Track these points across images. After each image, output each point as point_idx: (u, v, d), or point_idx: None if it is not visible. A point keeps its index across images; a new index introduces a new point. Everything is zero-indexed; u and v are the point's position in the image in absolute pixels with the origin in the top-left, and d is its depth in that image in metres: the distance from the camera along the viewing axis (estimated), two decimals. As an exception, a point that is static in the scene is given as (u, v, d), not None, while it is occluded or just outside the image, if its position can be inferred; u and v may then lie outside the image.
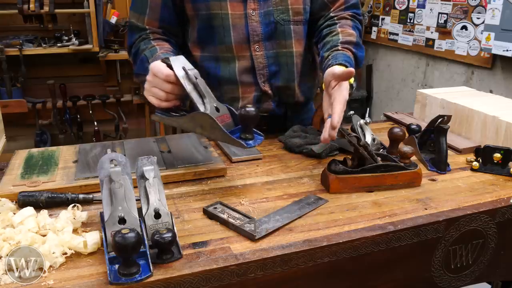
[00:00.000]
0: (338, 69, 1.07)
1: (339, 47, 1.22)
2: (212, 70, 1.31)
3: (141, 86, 1.15)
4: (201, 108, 0.98)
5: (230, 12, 1.24)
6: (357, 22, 1.33)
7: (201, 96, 0.99)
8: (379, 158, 1.04)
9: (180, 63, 1.00)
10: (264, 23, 1.27)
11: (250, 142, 0.97)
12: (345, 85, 1.06)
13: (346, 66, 1.14)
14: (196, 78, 1.00)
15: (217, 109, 0.99)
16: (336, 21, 1.31)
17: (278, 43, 1.31)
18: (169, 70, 0.99)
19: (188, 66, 1.01)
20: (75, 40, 3.21)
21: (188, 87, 0.98)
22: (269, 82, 1.32)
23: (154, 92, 1.03)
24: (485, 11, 2.82)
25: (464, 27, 3.08)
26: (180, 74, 0.99)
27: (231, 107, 1.01)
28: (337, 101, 1.03)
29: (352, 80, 1.12)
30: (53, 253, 0.73)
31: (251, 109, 0.94)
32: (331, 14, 1.34)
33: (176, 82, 0.99)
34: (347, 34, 1.26)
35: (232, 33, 1.26)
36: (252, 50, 1.28)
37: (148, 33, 1.28)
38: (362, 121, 1.24)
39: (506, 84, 2.83)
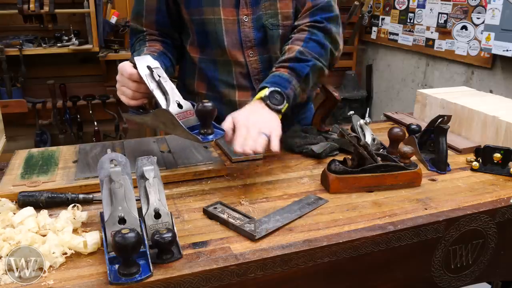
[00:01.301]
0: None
1: (274, 68, 1.21)
2: (210, 73, 1.31)
3: None
4: (163, 105, 0.99)
5: (223, 17, 1.24)
6: (314, 33, 1.24)
7: (164, 93, 1.01)
8: (379, 158, 1.04)
9: (145, 62, 1.03)
10: (256, 28, 1.26)
11: (210, 136, 0.98)
12: (228, 118, 1.05)
13: (268, 87, 1.12)
14: (159, 76, 1.02)
15: (180, 106, 1.00)
16: (292, 36, 1.27)
17: (270, 48, 1.30)
18: (133, 69, 1.03)
19: (154, 64, 1.03)
20: (75, 40, 3.21)
21: (151, 85, 1.01)
22: None
23: (122, 91, 1.07)
24: (485, 11, 2.82)
25: (464, 27, 3.08)
26: (143, 72, 1.01)
27: (195, 103, 1.02)
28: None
29: (261, 94, 1.11)
30: (53, 253, 0.73)
31: (208, 104, 0.96)
32: (295, 23, 1.29)
33: (140, 80, 1.02)
34: (291, 51, 1.22)
35: (226, 38, 1.25)
36: (246, 56, 1.28)
37: (145, 34, 1.30)
38: (362, 121, 1.24)
39: (506, 84, 2.83)
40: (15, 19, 3.19)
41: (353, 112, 1.29)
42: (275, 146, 1.01)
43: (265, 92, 1.11)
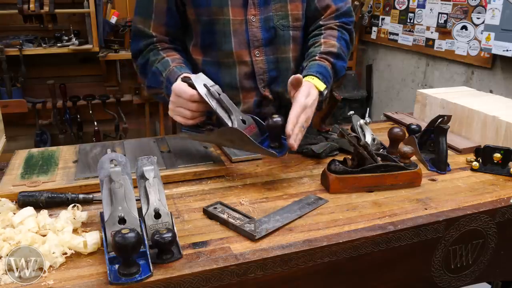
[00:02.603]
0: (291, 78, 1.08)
1: (317, 57, 1.24)
2: (213, 75, 1.31)
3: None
4: (229, 123, 1.02)
5: (231, 17, 1.24)
6: (344, 33, 1.32)
7: (227, 111, 1.03)
8: (379, 158, 1.04)
9: (201, 80, 1.04)
10: (264, 28, 1.27)
11: (280, 150, 1.02)
12: (303, 92, 1.07)
13: (318, 78, 1.15)
14: (219, 94, 1.03)
15: (244, 121, 1.03)
16: (322, 31, 1.31)
17: (278, 49, 1.30)
18: (192, 90, 1.03)
19: (210, 83, 1.04)
20: (75, 40, 3.21)
21: (213, 104, 1.02)
22: (269, 87, 1.32)
23: (180, 112, 1.07)
24: (485, 11, 2.82)
25: (464, 27, 3.08)
26: (203, 91, 1.02)
27: (255, 117, 1.05)
28: (292, 108, 1.04)
29: (322, 87, 1.13)
30: (53, 253, 0.73)
31: (277, 119, 0.99)
32: (320, 23, 1.33)
33: (200, 99, 1.03)
34: (329, 45, 1.27)
35: (233, 39, 1.26)
36: (252, 55, 1.28)
37: (155, 42, 1.26)
38: (362, 121, 1.24)
39: (506, 84, 2.83)
40: (15, 19, 3.19)
41: (353, 112, 1.29)
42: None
43: (321, 86, 1.13)
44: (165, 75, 1.18)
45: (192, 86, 1.03)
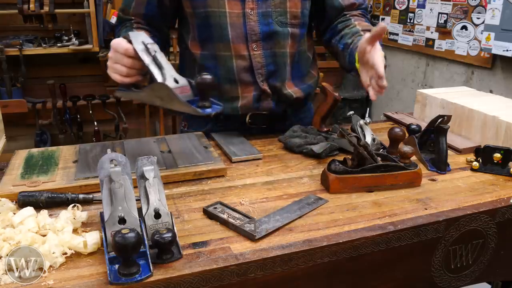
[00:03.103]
0: (368, 33, 1.09)
1: (361, 33, 1.27)
2: (211, 70, 1.32)
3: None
4: (159, 79, 0.98)
5: (228, 10, 1.25)
6: (368, 20, 1.40)
7: (160, 68, 1.00)
8: (379, 158, 1.04)
9: (140, 38, 1.02)
10: (262, 23, 1.28)
11: (208, 109, 0.97)
12: (379, 47, 1.10)
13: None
14: (155, 52, 1.00)
15: (176, 81, 0.99)
16: (350, 17, 1.37)
17: (275, 44, 1.31)
18: (129, 44, 1.01)
19: (148, 40, 1.02)
20: (75, 40, 3.20)
21: (147, 59, 0.99)
22: (268, 81, 1.33)
23: (116, 68, 1.04)
24: (485, 11, 2.82)
25: (464, 27, 3.08)
26: (139, 47, 1.00)
27: (191, 80, 1.01)
28: (377, 56, 1.07)
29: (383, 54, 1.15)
30: (53, 253, 0.73)
31: (207, 76, 0.95)
32: (344, 12, 1.38)
33: (135, 56, 1.00)
34: (365, 25, 1.32)
35: (230, 32, 1.26)
36: (250, 49, 1.29)
37: (132, 22, 1.30)
38: (362, 121, 1.24)
39: (506, 84, 2.83)
40: (15, 19, 3.19)
41: (353, 112, 1.29)
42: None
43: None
44: None
45: (130, 42, 1.01)
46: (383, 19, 3.93)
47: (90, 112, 3.46)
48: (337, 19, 1.39)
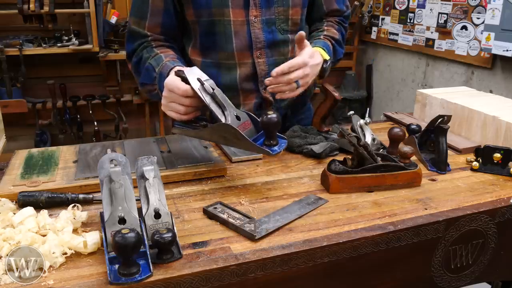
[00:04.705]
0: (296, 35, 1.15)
1: (321, 37, 1.36)
2: (213, 77, 1.31)
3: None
4: (222, 119, 0.98)
5: (232, 18, 1.23)
6: (342, 28, 1.46)
7: (220, 106, 0.99)
8: (379, 158, 1.04)
9: (195, 74, 1.00)
10: (266, 30, 1.27)
11: (275, 148, 0.97)
12: (308, 51, 1.15)
13: (323, 49, 1.27)
14: (213, 89, 0.99)
15: (238, 118, 0.99)
16: (325, 22, 1.44)
17: (278, 51, 1.31)
18: (186, 85, 1.00)
19: (204, 77, 1.01)
20: (75, 40, 3.20)
21: (207, 99, 0.98)
22: None
23: (173, 107, 1.03)
24: (485, 11, 2.82)
25: (464, 27, 3.08)
26: (196, 86, 0.98)
27: (250, 113, 1.02)
28: (294, 58, 1.13)
29: (326, 57, 1.26)
30: (53, 253, 0.73)
31: (272, 115, 0.95)
32: (324, 18, 1.46)
33: (194, 95, 0.99)
34: (331, 32, 1.40)
35: (234, 40, 1.25)
36: (254, 56, 1.28)
37: (149, 40, 1.25)
38: (362, 121, 1.24)
39: (506, 84, 2.83)
40: (15, 19, 3.19)
41: (353, 112, 1.29)
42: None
43: (325, 56, 1.25)
44: (158, 70, 1.16)
45: (185, 80, 1.00)
46: (383, 19, 3.94)
47: (90, 112, 3.46)
48: (314, 23, 1.46)
